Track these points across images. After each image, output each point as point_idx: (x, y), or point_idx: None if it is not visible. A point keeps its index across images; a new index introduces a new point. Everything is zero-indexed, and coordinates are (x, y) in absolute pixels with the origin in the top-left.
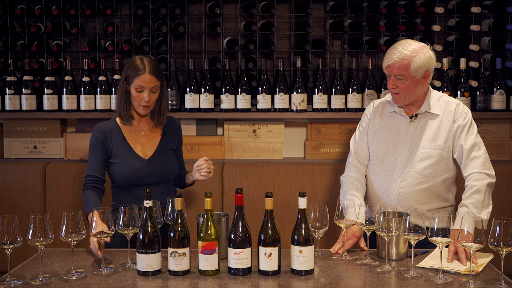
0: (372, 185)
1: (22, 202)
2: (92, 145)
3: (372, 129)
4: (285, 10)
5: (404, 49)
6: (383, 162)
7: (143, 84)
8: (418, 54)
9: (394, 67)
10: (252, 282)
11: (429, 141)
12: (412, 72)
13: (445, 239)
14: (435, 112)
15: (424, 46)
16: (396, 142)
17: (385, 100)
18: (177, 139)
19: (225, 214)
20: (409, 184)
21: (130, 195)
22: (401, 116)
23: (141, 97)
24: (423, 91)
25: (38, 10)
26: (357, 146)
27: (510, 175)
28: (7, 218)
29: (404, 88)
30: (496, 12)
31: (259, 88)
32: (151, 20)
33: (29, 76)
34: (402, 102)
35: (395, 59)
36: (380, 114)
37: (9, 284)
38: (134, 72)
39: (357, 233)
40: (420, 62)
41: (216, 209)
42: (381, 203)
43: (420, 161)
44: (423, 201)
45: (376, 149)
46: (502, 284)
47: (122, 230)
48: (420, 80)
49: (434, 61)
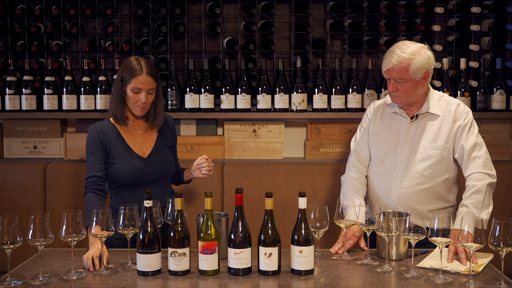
0: (372, 186)
1: (22, 202)
2: (90, 145)
3: (373, 129)
4: (285, 10)
5: (402, 52)
6: (384, 162)
7: (140, 86)
8: (416, 56)
9: (394, 71)
10: (252, 282)
11: (429, 142)
12: (412, 74)
13: (445, 239)
14: (435, 112)
15: (422, 46)
16: (397, 143)
17: (384, 102)
18: (172, 136)
19: (225, 214)
20: (409, 185)
21: (130, 195)
22: (401, 117)
23: (137, 98)
24: (423, 91)
25: (38, 10)
26: (357, 147)
27: (510, 175)
28: (7, 218)
29: (405, 90)
30: (496, 12)
31: (259, 88)
32: (151, 20)
33: (29, 76)
34: (401, 102)
35: (394, 63)
36: (380, 115)
37: (9, 284)
38: (131, 73)
39: (357, 233)
40: (419, 64)
41: (216, 209)
42: (382, 204)
43: (421, 162)
44: (424, 201)
45: (377, 149)
46: (502, 284)
47: (122, 230)
48: (420, 81)
49: (433, 61)
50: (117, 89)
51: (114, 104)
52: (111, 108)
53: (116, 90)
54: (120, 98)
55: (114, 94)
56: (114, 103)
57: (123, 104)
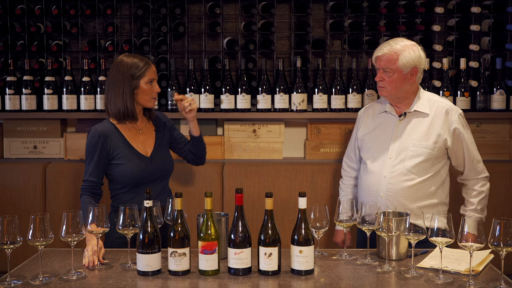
0: (362, 183)
1: (22, 202)
2: (90, 149)
3: (364, 130)
4: (285, 10)
5: (395, 43)
6: (374, 160)
7: (153, 76)
8: (407, 49)
9: (383, 59)
10: (252, 282)
11: (419, 140)
12: (400, 66)
13: (445, 239)
14: (423, 111)
15: (415, 44)
16: (387, 140)
17: (374, 102)
18: (168, 131)
19: (225, 214)
20: (397, 181)
21: (131, 196)
22: (391, 115)
23: (153, 88)
24: (411, 89)
25: (38, 10)
26: (349, 154)
27: (510, 175)
28: (7, 218)
29: (390, 81)
30: (496, 12)
31: (259, 88)
32: (151, 20)
33: (29, 76)
34: (387, 95)
35: (385, 51)
36: (372, 115)
37: (9, 284)
38: (142, 66)
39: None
40: (408, 57)
41: (216, 209)
42: (371, 200)
43: (410, 159)
44: (412, 198)
45: (368, 148)
46: (502, 284)
47: (122, 230)
48: (407, 76)
49: (423, 61)
50: (127, 86)
51: (123, 102)
52: (114, 108)
53: (124, 88)
54: (131, 95)
55: (119, 93)
56: (124, 102)
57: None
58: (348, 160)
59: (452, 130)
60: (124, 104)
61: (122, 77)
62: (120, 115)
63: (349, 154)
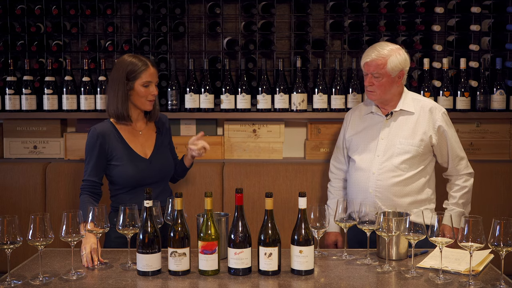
0: (351, 180)
1: (22, 202)
2: (90, 149)
3: (352, 131)
4: (285, 10)
5: (381, 48)
6: (363, 158)
7: (150, 79)
8: (394, 53)
9: (371, 65)
10: (252, 282)
11: (405, 138)
12: (388, 70)
13: (445, 239)
14: (409, 109)
15: (400, 48)
16: (374, 139)
17: (360, 104)
18: (168, 134)
19: (225, 214)
20: (386, 177)
21: (130, 196)
22: (377, 116)
23: (149, 91)
24: (397, 91)
25: (38, 10)
26: (337, 156)
27: (510, 175)
28: (7, 218)
29: (380, 85)
30: (496, 12)
31: (259, 88)
32: (151, 20)
33: (29, 76)
34: (376, 98)
35: (373, 56)
36: (358, 116)
37: (9, 284)
38: (139, 68)
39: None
40: (396, 61)
41: (216, 209)
42: (361, 196)
43: (397, 156)
44: (400, 194)
45: (357, 147)
46: (502, 284)
47: (122, 230)
48: (395, 79)
49: (408, 63)
50: (121, 87)
51: (116, 104)
52: (111, 108)
53: (118, 89)
54: (125, 96)
55: (115, 93)
56: (118, 103)
57: (128, 102)
58: (335, 162)
59: (436, 127)
60: (120, 105)
61: (119, 77)
62: (118, 116)
63: (336, 156)
